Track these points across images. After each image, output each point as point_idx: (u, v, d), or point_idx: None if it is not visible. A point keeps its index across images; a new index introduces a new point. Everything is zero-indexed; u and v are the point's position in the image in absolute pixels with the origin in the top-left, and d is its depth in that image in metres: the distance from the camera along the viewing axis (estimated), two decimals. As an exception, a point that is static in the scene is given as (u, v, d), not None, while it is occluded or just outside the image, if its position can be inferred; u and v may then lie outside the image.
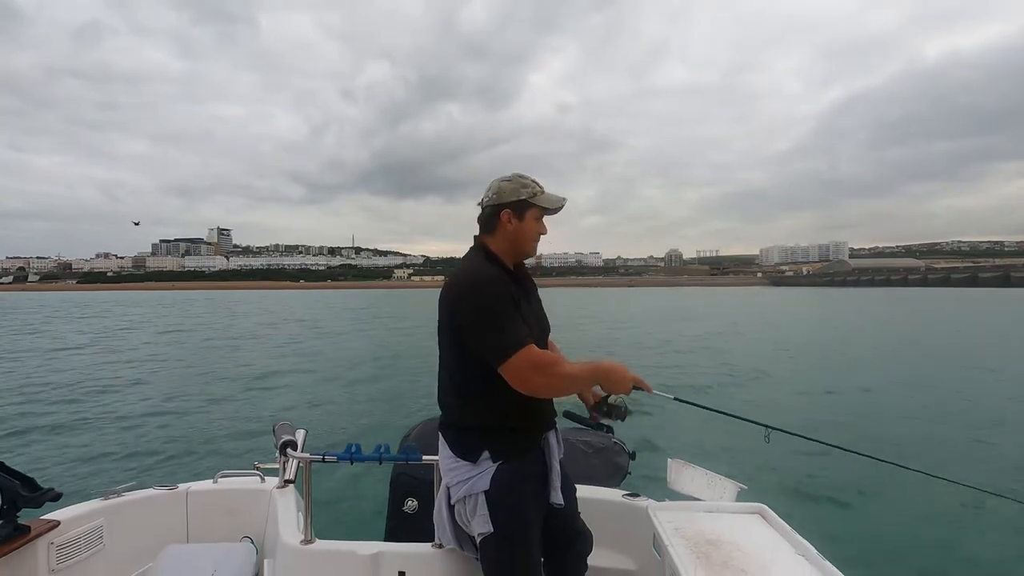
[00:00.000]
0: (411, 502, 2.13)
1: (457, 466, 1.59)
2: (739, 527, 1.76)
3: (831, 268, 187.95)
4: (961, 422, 7.05)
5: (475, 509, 1.56)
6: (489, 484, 1.54)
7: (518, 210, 1.63)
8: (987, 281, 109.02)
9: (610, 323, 24.21)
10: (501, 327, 1.48)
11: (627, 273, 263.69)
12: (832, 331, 20.82)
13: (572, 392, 1.61)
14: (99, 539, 2.02)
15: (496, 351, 1.48)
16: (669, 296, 52.46)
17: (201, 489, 2.33)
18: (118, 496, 2.15)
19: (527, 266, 1.79)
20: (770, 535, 1.73)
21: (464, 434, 1.61)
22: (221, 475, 2.40)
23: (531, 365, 1.46)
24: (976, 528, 4.08)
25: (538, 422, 1.65)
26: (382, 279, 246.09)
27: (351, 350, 14.15)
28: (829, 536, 3.80)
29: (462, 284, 1.57)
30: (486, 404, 1.57)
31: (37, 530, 1.79)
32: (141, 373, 10.59)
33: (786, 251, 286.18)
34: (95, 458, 5.51)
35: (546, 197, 1.66)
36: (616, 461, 2.41)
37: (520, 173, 1.67)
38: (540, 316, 1.74)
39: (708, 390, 9.36)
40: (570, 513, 1.74)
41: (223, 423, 6.80)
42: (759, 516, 1.86)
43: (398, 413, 7.13)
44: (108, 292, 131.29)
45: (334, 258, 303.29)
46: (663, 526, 1.76)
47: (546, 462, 1.65)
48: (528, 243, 1.67)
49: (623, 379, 1.56)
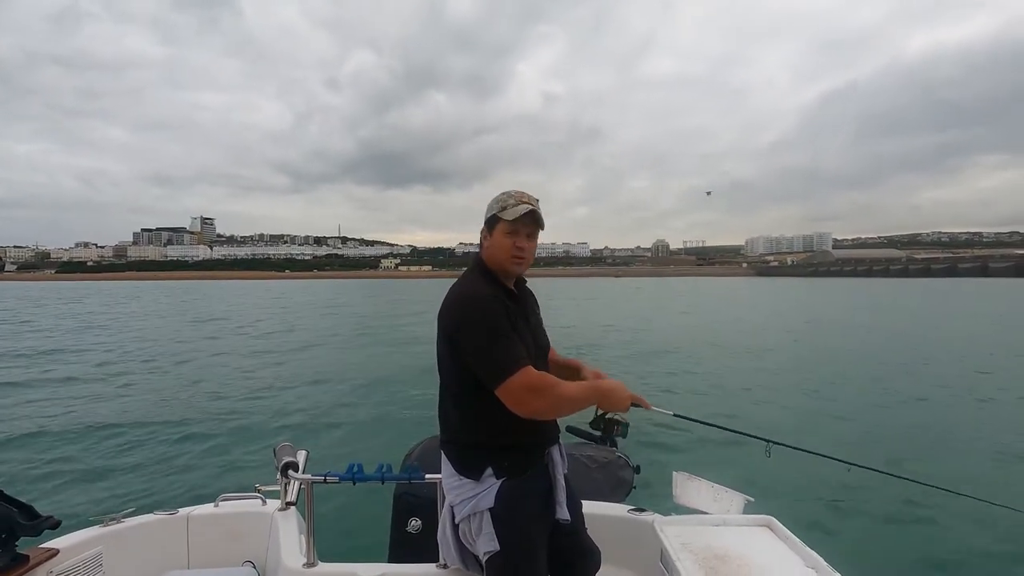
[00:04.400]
0: (415, 522, 2.10)
1: (460, 484, 1.56)
2: (747, 540, 1.73)
3: (815, 259, 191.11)
4: (974, 433, 6.94)
5: (480, 527, 1.53)
6: (494, 501, 1.51)
7: (490, 225, 1.61)
8: (966, 271, 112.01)
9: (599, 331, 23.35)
10: (496, 349, 1.46)
11: (615, 263, 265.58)
12: (829, 327, 21.07)
13: (571, 413, 1.58)
14: (99, 567, 2.00)
15: (492, 373, 1.46)
16: (660, 288, 52.80)
17: (202, 513, 2.31)
18: (118, 522, 2.14)
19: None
20: (779, 547, 1.70)
21: (466, 451, 1.58)
22: (222, 498, 2.39)
23: (527, 388, 1.45)
24: (989, 541, 3.96)
25: (541, 437, 1.62)
26: (369, 269, 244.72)
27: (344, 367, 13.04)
28: (839, 547, 3.73)
29: (458, 304, 1.55)
30: (488, 420, 1.53)
31: (36, 559, 1.77)
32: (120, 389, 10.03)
33: (771, 242, 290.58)
34: (93, 482, 5.31)
35: (510, 211, 1.57)
36: (620, 475, 2.38)
37: (511, 191, 1.61)
38: (539, 334, 1.70)
39: (709, 394, 9.25)
40: (576, 530, 1.71)
41: (224, 444, 6.56)
42: (767, 528, 1.83)
43: (400, 430, 6.95)
44: (85, 282, 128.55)
45: (320, 248, 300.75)
46: (670, 541, 1.73)
47: (550, 478, 1.62)
48: (499, 260, 1.60)
49: (621, 398, 1.57)
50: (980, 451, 5.98)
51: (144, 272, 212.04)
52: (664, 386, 9.91)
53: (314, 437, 6.86)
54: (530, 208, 1.57)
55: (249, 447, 6.37)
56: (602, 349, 14.74)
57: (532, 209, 1.57)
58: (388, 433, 6.95)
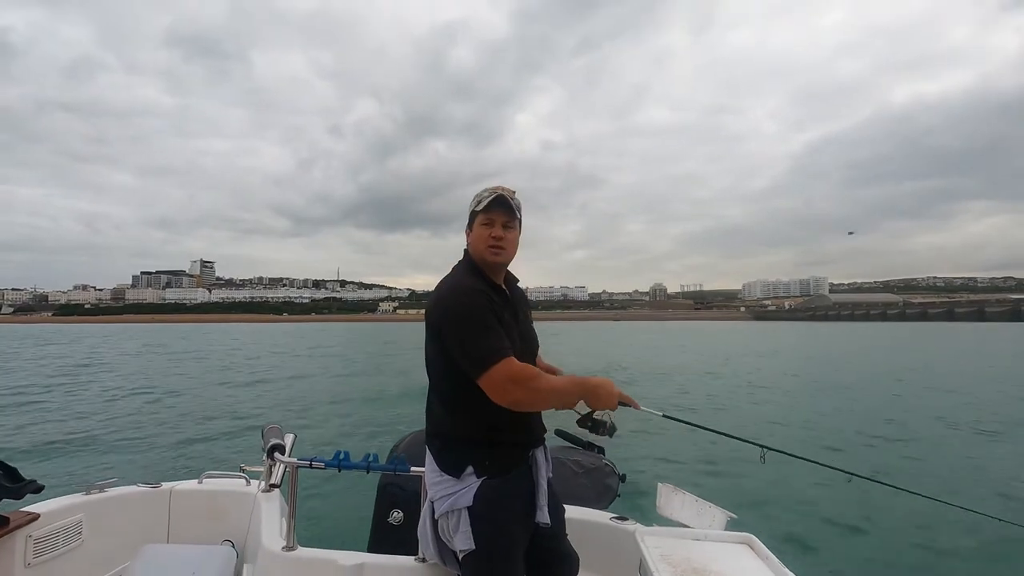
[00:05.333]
0: (396, 513, 2.08)
1: (441, 480, 1.55)
2: (726, 556, 1.72)
3: (812, 303, 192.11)
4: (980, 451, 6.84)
5: (458, 525, 1.50)
6: (472, 500, 1.49)
7: (470, 222, 1.65)
8: (963, 316, 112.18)
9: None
10: (480, 339, 1.46)
11: (612, 307, 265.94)
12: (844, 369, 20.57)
13: (555, 407, 1.52)
14: (78, 534, 2.00)
15: (474, 362, 1.45)
16: (661, 334, 52.26)
17: (185, 489, 2.29)
18: (100, 491, 2.12)
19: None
20: (757, 566, 1.69)
21: (448, 447, 1.56)
22: (206, 475, 2.37)
23: (510, 377, 1.43)
24: (983, 554, 3.90)
25: (526, 437, 1.60)
26: (367, 312, 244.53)
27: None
28: (818, 570, 3.63)
29: (443, 295, 1.56)
30: (472, 416, 1.52)
31: (16, 522, 1.77)
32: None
33: (768, 286, 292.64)
34: (80, 450, 5.23)
35: (483, 203, 1.61)
36: (606, 482, 2.36)
37: (487, 187, 1.65)
38: (527, 333, 1.70)
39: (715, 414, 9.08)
40: (556, 534, 1.68)
41: (215, 421, 6.47)
42: (747, 546, 1.82)
43: (389, 421, 6.88)
44: (82, 325, 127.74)
45: (319, 291, 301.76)
46: (650, 552, 1.71)
47: (533, 480, 1.60)
48: (478, 251, 1.62)
49: (609, 395, 1.52)
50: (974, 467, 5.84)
51: (140, 315, 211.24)
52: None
53: (303, 428, 6.76)
54: (497, 193, 1.59)
55: (237, 437, 6.28)
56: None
57: (499, 194, 1.59)
58: (377, 428, 6.87)
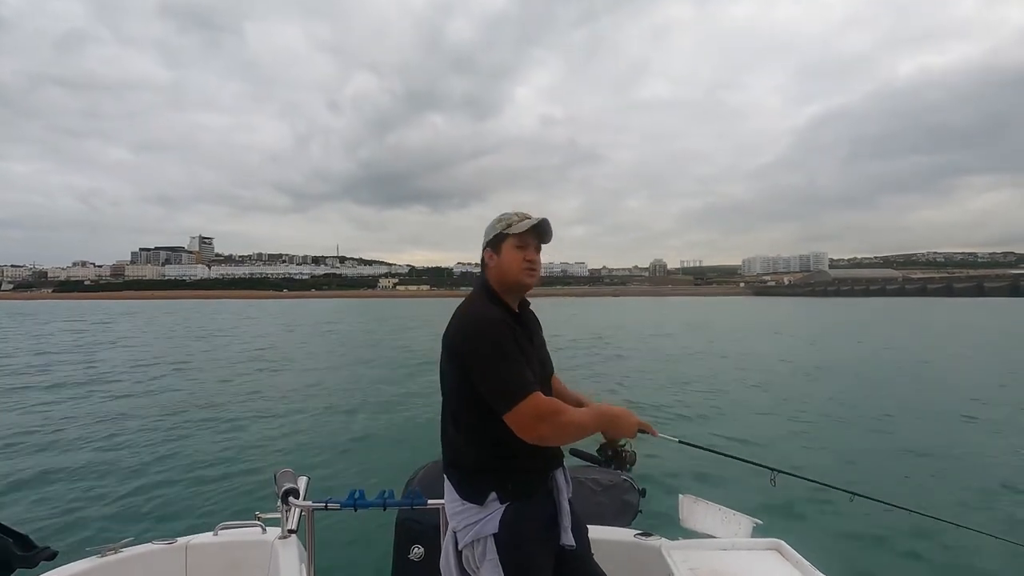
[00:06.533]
0: (417, 549, 2.04)
1: (463, 509, 1.53)
2: (756, 564, 1.71)
3: (812, 278, 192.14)
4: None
5: (484, 554, 1.48)
6: (498, 527, 1.48)
7: (495, 245, 1.64)
8: (962, 291, 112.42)
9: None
10: (506, 374, 1.46)
11: (612, 283, 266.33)
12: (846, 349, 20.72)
13: (577, 440, 1.56)
14: None
15: (502, 399, 1.45)
16: (661, 308, 52.33)
17: (201, 542, 2.27)
18: (115, 552, 2.10)
19: None
20: (788, 571, 1.66)
21: (470, 475, 1.55)
22: (221, 527, 2.35)
23: (537, 415, 1.43)
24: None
25: (546, 461, 1.60)
26: (367, 288, 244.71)
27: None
28: (850, 572, 3.59)
29: (466, 327, 1.53)
30: (492, 444, 1.52)
31: None
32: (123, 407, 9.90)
33: (768, 262, 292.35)
34: (91, 510, 5.17)
35: (517, 226, 1.62)
36: (626, 499, 2.34)
37: (510, 212, 1.68)
38: (543, 358, 1.70)
39: (717, 417, 9.07)
40: (582, 555, 1.65)
41: (224, 469, 6.41)
42: (776, 552, 1.79)
43: (402, 454, 6.80)
44: (82, 301, 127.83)
45: (318, 267, 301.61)
46: (678, 566, 1.70)
47: (555, 502, 1.60)
48: (512, 274, 1.62)
49: (628, 424, 1.57)
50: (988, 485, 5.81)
51: (141, 291, 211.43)
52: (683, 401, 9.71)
53: (314, 462, 6.73)
54: (540, 219, 1.63)
55: (249, 477, 6.24)
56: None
57: (543, 219, 1.63)
58: (390, 458, 6.81)
